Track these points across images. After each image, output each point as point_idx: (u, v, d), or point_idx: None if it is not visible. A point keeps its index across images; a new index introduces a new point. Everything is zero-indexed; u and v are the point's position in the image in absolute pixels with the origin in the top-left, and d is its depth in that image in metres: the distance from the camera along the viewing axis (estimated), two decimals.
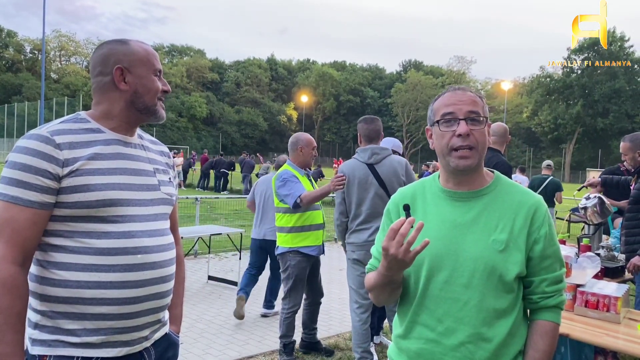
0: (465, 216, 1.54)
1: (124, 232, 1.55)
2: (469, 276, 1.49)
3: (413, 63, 77.72)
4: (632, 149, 3.95)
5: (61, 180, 1.48)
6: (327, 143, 75.15)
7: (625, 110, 55.54)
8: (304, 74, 77.22)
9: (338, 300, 6.19)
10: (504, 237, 1.50)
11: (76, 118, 1.60)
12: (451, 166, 1.53)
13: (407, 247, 1.35)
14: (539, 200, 1.59)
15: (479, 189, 1.57)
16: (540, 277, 1.55)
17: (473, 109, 1.53)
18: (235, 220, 12.12)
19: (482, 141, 1.53)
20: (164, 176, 1.74)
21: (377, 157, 3.79)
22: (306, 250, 4.14)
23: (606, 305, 2.88)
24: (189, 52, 77.97)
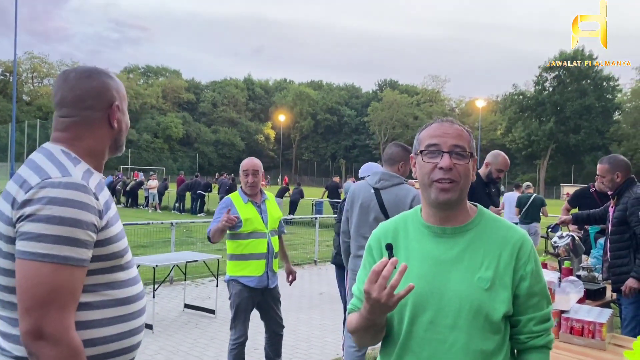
0: (449, 253, 1.48)
1: (135, 277, 1.53)
2: (454, 316, 1.43)
3: (389, 82, 78.66)
4: (611, 170, 3.96)
5: (99, 232, 1.38)
6: (305, 162, 75.28)
7: (595, 127, 56.90)
8: (281, 93, 77.57)
9: (319, 327, 6.06)
10: (490, 274, 1.44)
11: (74, 158, 1.45)
12: (432, 198, 1.48)
13: (390, 291, 1.27)
14: (524, 235, 1.53)
15: (462, 224, 1.51)
16: (527, 315, 1.49)
17: (458, 143, 1.49)
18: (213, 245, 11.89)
19: (464, 176, 1.48)
20: None
21: (385, 183, 3.69)
22: (244, 281, 3.91)
23: (591, 331, 2.83)
24: (165, 73, 77.68)
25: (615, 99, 59.25)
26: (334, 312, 6.68)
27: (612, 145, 55.03)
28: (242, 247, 3.93)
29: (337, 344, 5.42)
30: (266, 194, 4.19)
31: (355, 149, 74.58)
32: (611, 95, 59.47)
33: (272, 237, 4.05)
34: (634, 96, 56.27)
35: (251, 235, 3.94)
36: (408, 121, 67.09)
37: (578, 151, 58.42)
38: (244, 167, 4.04)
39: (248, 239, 3.93)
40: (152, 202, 22.23)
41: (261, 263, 3.95)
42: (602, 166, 4.03)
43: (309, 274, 9.34)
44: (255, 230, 3.95)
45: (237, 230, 3.93)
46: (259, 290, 3.98)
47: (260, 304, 4.07)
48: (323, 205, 19.20)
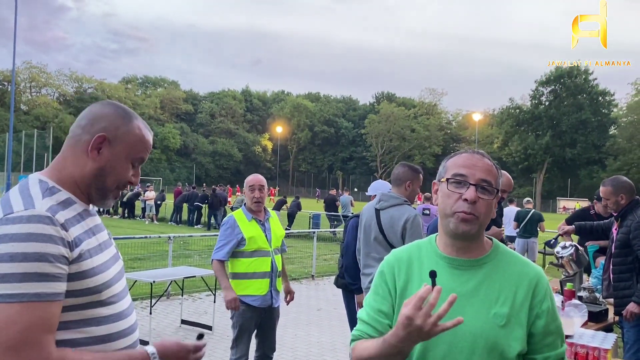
0: (465, 286, 1.44)
1: (119, 312, 1.42)
2: (469, 352, 1.39)
3: (386, 95, 78.90)
4: (615, 193, 3.94)
5: (70, 265, 1.28)
6: (302, 173, 75.27)
7: (591, 141, 57.20)
8: (278, 105, 77.76)
9: (317, 345, 5.99)
10: (506, 311, 1.41)
11: (47, 189, 1.36)
12: (450, 228, 1.45)
13: (436, 320, 1.23)
14: (540, 272, 1.50)
15: (478, 257, 1.49)
16: (542, 355, 1.45)
17: (486, 178, 1.46)
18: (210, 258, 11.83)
19: (486, 212, 1.45)
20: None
21: (384, 203, 3.76)
22: (248, 300, 3.85)
23: (596, 357, 2.80)
24: (163, 84, 77.86)
25: (611, 114, 59.61)
26: (332, 329, 6.62)
27: (608, 159, 55.28)
28: (245, 265, 3.89)
29: None
30: (270, 212, 4.15)
31: (352, 160, 74.66)
32: (607, 110, 59.89)
33: (275, 255, 4.01)
34: (630, 111, 56.61)
35: (255, 254, 3.89)
36: (405, 134, 67.25)
37: (574, 165, 58.64)
38: (250, 183, 3.99)
39: (251, 257, 3.89)
40: (149, 213, 22.14)
41: (265, 282, 3.90)
42: (605, 189, 4.01)
43: (307, 289, 9.28)
44: (259, 249, 3.90)
45: (240, 249, 3.88)
46: (262, 310, 3.93)
47: (261, 324, 4.01)
48: (320, 218, 19.15)
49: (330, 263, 12.30)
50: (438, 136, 68.83)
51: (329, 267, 11.62)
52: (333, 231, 16.76)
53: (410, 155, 66.96)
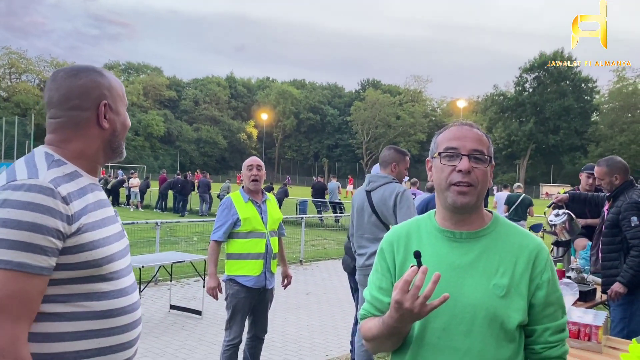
0: (464, 258, 1.45)
1: (121, 289, 1.41)
2: (468, 323, 1.39)
3: (371, 82, 78.81)
4: (609, 173, 3.96)
5: (67, 239, 1.28)
6: (288, 161, 75.10)
7: (574, 127, 57.82)
8: (263, 91, 77.27)
9: (307, 328, 6.01)
10: (505, 281, 1.41)
11: (53, 161, 1.36)
12: (448, 202, 1.45)
13: (424, 300, 1.25)
14: (540, 243, 1.50)
15: (477, 229, 1.48)
16: (543, 325, 1.46)
17: (477, 147, 1.46)
18: (197, 244, 11.78)
19: (482, 180, 1.45)
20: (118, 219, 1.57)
21: (373, 184, 3.88)
22: (241, 280, 3.86)
23: (587, 334, 2.83)
24: (146, 70, 76.88)
25: (593, 100, 60.25)
26: (321, 313, 6.66)
27: (590, 145, 55.99)
28: (239, 246, 3.89)
29: (326, 345, 5.39)
30: (267, 195, 4.15)
31: (338, 148, 74.64)
32: (589, 96, 60.49)
33: (271, 237, 3.99)
34: (611, 98, 57.28)
35: (249, 235, 3.89)
36: (390, 121, 67.33)
37: (557, 151, 59.28)
38: (248, 163, 4.02)
39: (246, 238, 3.89)
40: (134, 201, 21.93)
41: (259, 263, 3.89)
42: (600, 169, 4.02)
43: (295, 274, 9.19)
44: (253, 230, 3.89)
45: (236, 229, 3.89)
46: (257, 291, 3.93)
47: (255, 305, 4.01)
48: (307, 205, 19.15)
49: (317, 248, 12.34)
50: (423, 123, 68.99)
51: (316, 253, 11.65)
52: (320, 217, 16.80)
53: (396, 142, 67.00)
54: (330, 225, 17.06)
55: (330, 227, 16.61)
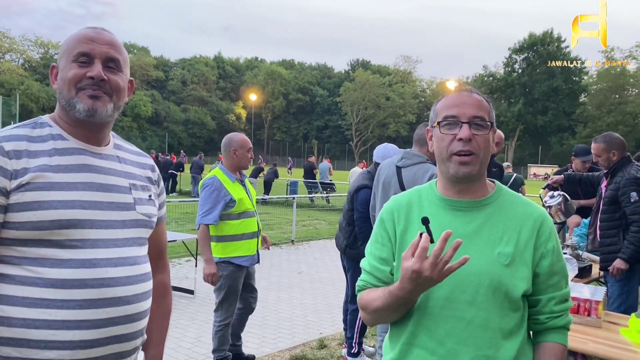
0: (467, 227, 1.41)
1: (84, 260, 1.29)
2: (473, 292, 1.36)
3: (361, 62, 78.33)
4: (607, 149, 3.94)
5: (9, 195, 1.24)
6: (277, 142, 74.81)
7: (562, 108, 58.10)
8: (252, 72, 76.50)
9: (300, 306, 5.99)
10: (510, 250, 1.38)
11: (35, 123, 1.38)
12: (450, 172, 1.41)
13: (442, 266, 1.22)
14: (544, 212, 1.47)
15: (481, 198, 1.45)
16: (547, 295, 1.44)
17: (478, 114, 1.41)
18: (187, 224, 11.71)
19: (484, 147, 1.41)
20: (143, 193, 1.48)
21: (407, 161, 3.69)
22: (238, 261, 3.83)
23: (587, 309, 2.82)
24: (132, 50, 75.63)
25: (581, 82, 60.46)
26: (314, 292, 6.64)
27: (577, 126, 56.35)
28: (234, 227, 3.81)
29: (319, 323, 5.38)
30: (244, 173, 4.09)
31: (327, 129, 74.38)
32: (578, 77, 60.66)
33: (257, 215, 4.01)
34: (600, 79, 57.52)
35: (242, 215, 3.83)
36: (380, 102, 67.10)
37: (545, 132, 59.60)
38: (246, 145, 3.90)
39: (239, 219, 3.82)
40: None
41: (253, 242, 3.89)
42: (597, 145, 3.99)
43: (287, 254, 9.27)
44: (246, 210, 3.85)
45: (228, 211, 3.77)
46: (247, 269, 3.94)
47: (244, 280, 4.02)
48: (298, 186, 19.11)
49: (309, 229, 12.33)
50: (412, 104, 68.89)
51: (307, 233, 11.64)
52: (311, 197, 16.78)
53: (385, 123, 67.05)
54: (321, 205, 17.06)
55: (321, 208, 16.61)
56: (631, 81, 55.64)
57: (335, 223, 12.91)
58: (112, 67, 1.39)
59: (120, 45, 1.43)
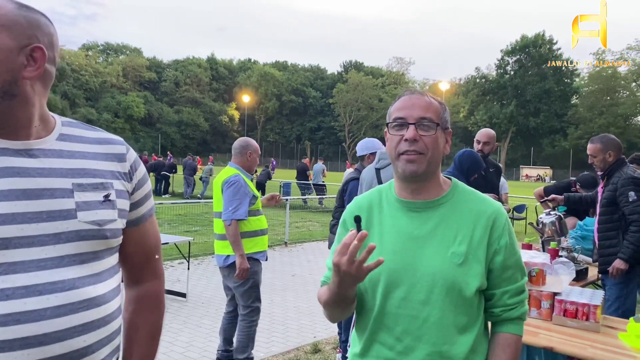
0: (422, 228, 1.46)
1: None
2: (427, 292, 1.41)
3: (354, 64, 78.34)
4: (603, 150, 3.91)
5: None
6: (270, 143, 74.66)
7: (554, 110, 58.33)
8: (245, 73, 76.31)
9: (294, 309, 5.94)
10: (463, 249, 1.42)
11: None
12: (399, 171, 1.47)
13: (359, 264, 1.26)
14: (498, 208, 1.50)
15: (434, 198, 1.49)
16: (501, 289, 1.49)
17: (425, 115, 1.44)
18: (180, 226, 11.63)
19: (432, 147, 1.44)
20: (94, 194, 1.17)
21: (383, 162, 3.82)
22: (258, 256, 3.99)
23: (585, 313, 2.78)
24: (125, 51, 75.29)
25: (573, 83, 60.76)
26: (308, 294, 6.59)
27: (569, 128, 56.59)
28: (254, 224, 3.97)
29: (313, 327, 5.33)
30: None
31: (320, 130, 74.34)
32: (569, 79, 60.96)
33: None
34: (591, 81, 57.81)
35: (258, 212, 4.03)
36: (373, 103, 67.10)
37: (537, 134, 59.83)
38: (259, 151, 4.14)
39: (256, 215, 4.01)
40: None
41: (266, 238, 4.11)
42: (594, 146, 3.97)
43: (280, 256, 9.21)
44: (260, 208, 4.06)
45: (250, 207, 3.94)
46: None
47: None
48: (291, 187, 19.03)
49: (302, 230, 12.27)
50: None
51: (301, 234, 11.58)
52: (304, 199, 16.73)
53: (378, 124, 67.02)
54: (314, 207, 17.00)
55: (314, 209, 16.55)
56: (622, 83, 56.00)
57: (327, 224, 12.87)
58: None
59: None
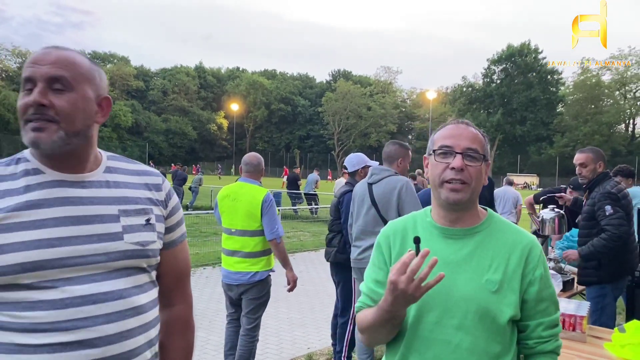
0: (458, 254, 1.48)
1: (55, 300, 1.20)
2: (461, 317, 1.43)
3: (342, 73, 78.80)
4: (595, 160, 3.94)
5: None
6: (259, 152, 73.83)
7: (540, 118, 59.09)
8: (233, 82, 76.36)
9: (287, 321, 5.99)
10: (498, 277, 1.45)
11: (12, 159, 1.30)
12: (442, 198, 1.49)
13: (419, 282, 1.28)
14: (533, 240, 1.54)
15: (471, 226, 1.52)
16: (536, 320, 1.49)
17: (471, 146, 1.49)
18: None
19: (476, 178, 1.48)
20: (137, 219, 1.35)
21: (375, 177, 3.88)
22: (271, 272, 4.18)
23: (572, 324, 2.88)
24: (112, 59, 75.01)
25: (558, 92, 61.59)
26: (300, 305, 6.63)
27: (555, 136, 57.31)
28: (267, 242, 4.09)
29: (306, 338, 5.38)
30: None
31: (309, 139, 74.49)
32: (555, 88, 61.80)
33: None
34: (576, 89, 58.64)
35: None
36: (361, 112, 67.47)
37: (524, 142, 60.50)
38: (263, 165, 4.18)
39: None
40: None
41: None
42: (586, 155, 3.97)
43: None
44: None
45: None
46: None
47: None
48: (281, 197, 19.06)
49: (293, 240, 12.29)
50: (393, 114, 69.46)
51: (291, 245, 11.60)
52: (295, 209, 16.76)
53: (367, 133, 67.38)
54: (305, 217, 17.03)
55: (305, 219, 16.59)
56: (606, 92, 56.90)
57: (319, 234, 12.92)
58: (58, 88, 1.23)
59: (73, 60, 1.26)
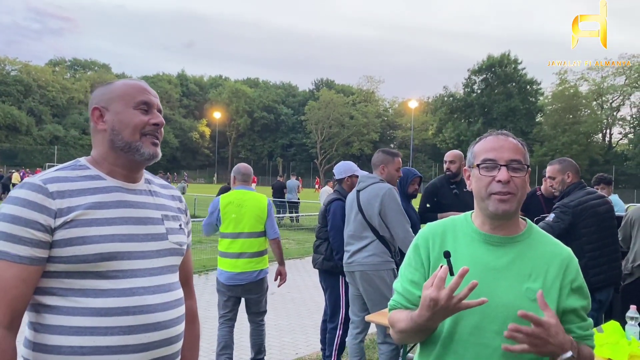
0: (499, 261, 1.52)
1: (125, 289, 1.41)
2: (500, 323, 1.45)
3: (325, 81, 79.12)
4: (562, 170, 4.00)
5: (54, 232, 1.35)
6: (242, 160, 74.16)
7: (520, 128, 59.89)
8: (216, 90, 76.16)
9: (275, 327, 6.04)
10: (537, 286, 1.48)
11: (74, 165, 1.50)
12: (490, 210, 1.52)
13: (459, 301, 1.33)
14: (570, 252, 1.59)
15: (513, 235, 1.56)
16: (573, 324, 1.54)
17: (515, 157, 1.53)
18: None
19: (521, 187, 1.52)
20: (174, 223, 1.60)
21: (362, 184, 4.08)
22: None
23: None
24: (93, 67, 74.35)
25: (537, 102, 62.62)
26: (288, 312, 6.70)
27: (534, 145, 58.16)
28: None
29: (295, 344, 5.44)
30: None
31: (292, 147, 74.49)
32: (534, 98, 62.82)
33: None
34: (554, 99, 59.68)
35: None
36: (344, 121, 67.74)
37: None
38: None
39: None
40: None
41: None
42: (552, 167, 4.06)
43: None
44: None
45: None
46: None
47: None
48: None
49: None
50: (376, 123, 69.88)
51: None
52: (280, 217, 16.80)
53: (350, 142, 67.66)
54: (288, 225, 17.07)
55: (288, 227, 16.63)
56: (583, 102, 58.02)
57: (304, 242, 12.98)
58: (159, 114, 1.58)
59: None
